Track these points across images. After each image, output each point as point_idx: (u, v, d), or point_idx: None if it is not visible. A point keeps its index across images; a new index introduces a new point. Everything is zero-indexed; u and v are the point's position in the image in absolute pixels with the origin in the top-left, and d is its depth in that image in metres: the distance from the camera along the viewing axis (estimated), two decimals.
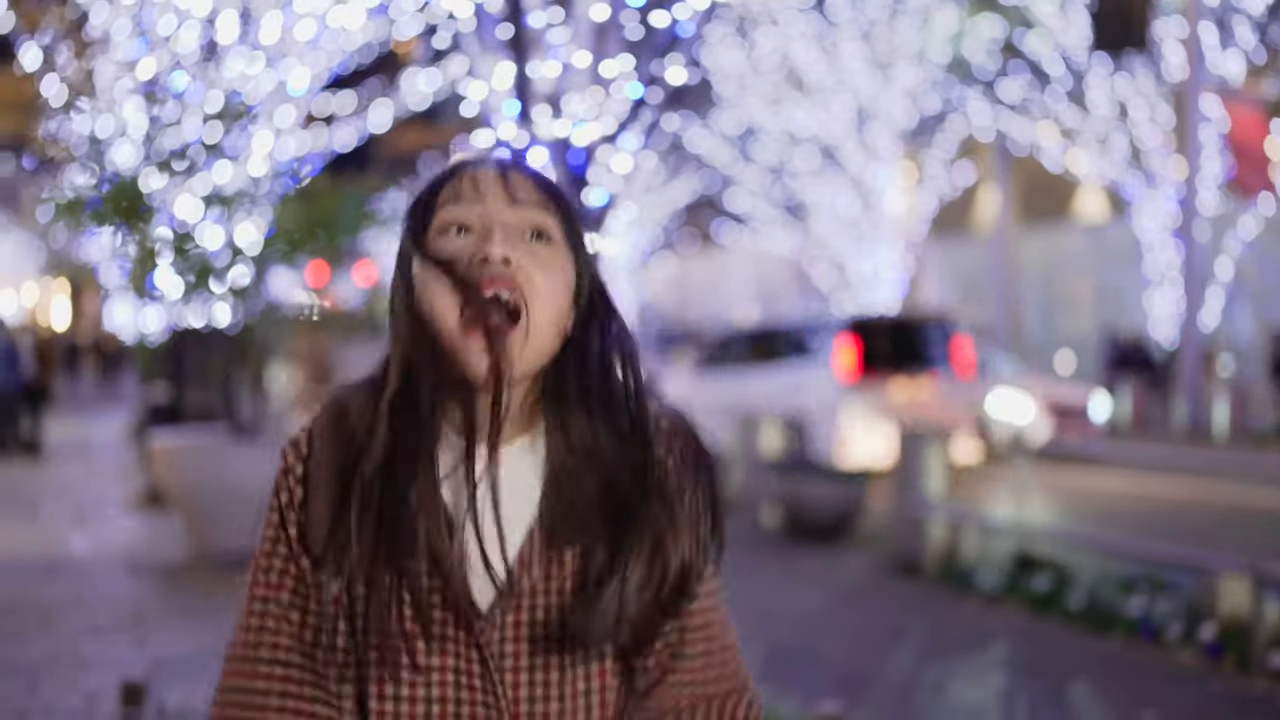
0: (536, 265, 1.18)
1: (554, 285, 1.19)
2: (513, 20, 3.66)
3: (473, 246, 1.18)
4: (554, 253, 1.21)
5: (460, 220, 1.20)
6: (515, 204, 1.20)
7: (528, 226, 1.20)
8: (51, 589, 7.22)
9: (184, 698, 4.68)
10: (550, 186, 1.24)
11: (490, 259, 1.16)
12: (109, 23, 7.79)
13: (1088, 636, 6.07)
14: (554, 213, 1.21)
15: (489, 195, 1.20)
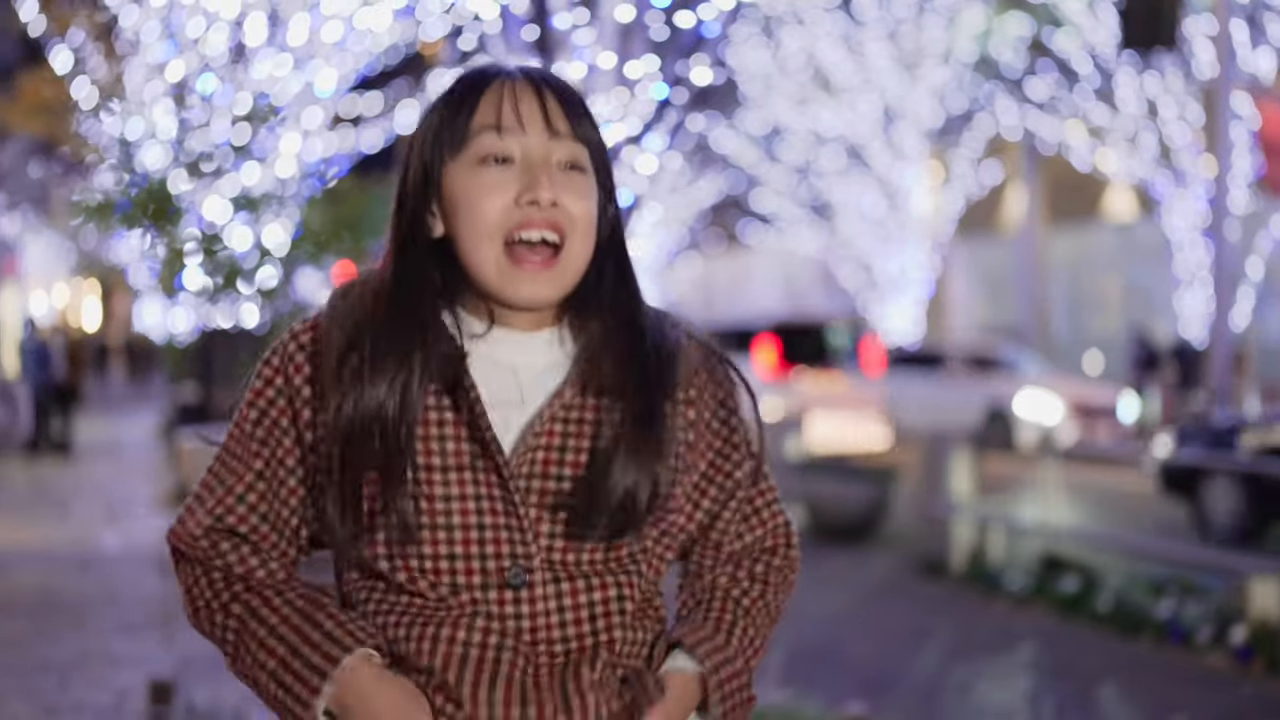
0: (574, 198, 1.23)
1: (589, 216, 1.24)
2: (538, 22, 3.68)
3: (517, 183, 1.22)
4: (586, 182, 1.25)
5: (502, 152, 1.22)
6: (555, 136, 1.23)
7: (565, 158, 1.24)
8: (82, 587, 7.29)
9: (212, 696, 4.72)
10: (581, 110, 1.27)
11: (540, 203, 1.20)
12: (138, 25, 7.85)
13: (1116, 639, 6.03)
14: (586, 141, 1.25)
15: (530, 125, 1.22)
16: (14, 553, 8.40)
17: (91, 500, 11.29)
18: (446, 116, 1.25)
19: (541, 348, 1.28)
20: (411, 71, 10.65)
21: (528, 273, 1.21)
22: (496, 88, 1.24)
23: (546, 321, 1.28)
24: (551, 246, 1.22)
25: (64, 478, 13.15)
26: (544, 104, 1.23)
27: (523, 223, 1.20)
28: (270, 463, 1.28)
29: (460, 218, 1.23)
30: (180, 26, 7.77)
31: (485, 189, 1.22)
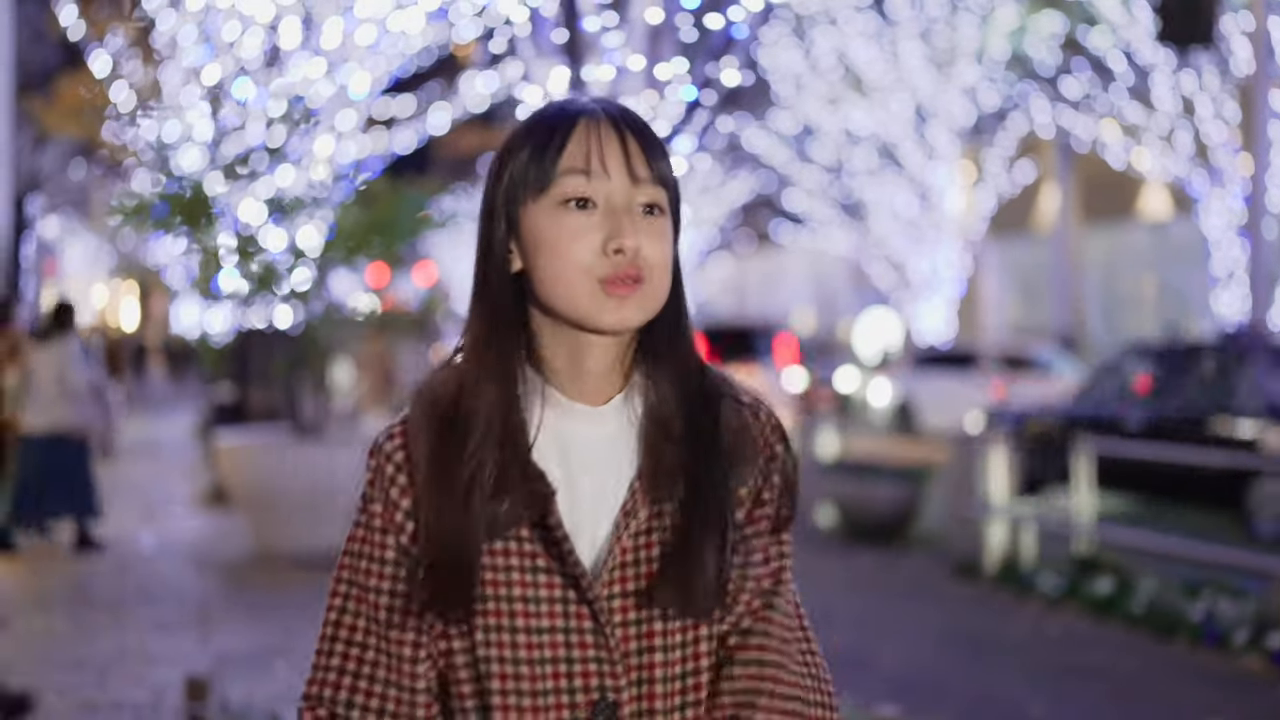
0: (654, 242, 1.25)
1: (667, 258, 1.26)
2: (568, 25, 3.69)
3: (601, 229, 1.23)
4: (665, 225, 1.27)
5: (585, 196, 1.24)
6: (637, 183, 1.24)
7: (646, 201, 1.25)
8: (120, 584, 7.38)
9: (247, 693, 4.77)
10: (660, 151, 1.29)
11: (625, 251, 1.22)
12: (175, 30, 7.93)
13: (1151, 641, 5.99)
14: (665, 184, 1.27)
15: (613, 170, 1.24)
16: (52, 550, 8.50)
17: (129, 499, 11.41)
18: (531, 155, 1.26)
19: (610, 418, 1.29)
20: (444, 74, 10.72)
21: (616, 296, 1.22)
22: (582, 129, 1.25)
23: (615, 389, 1.29)
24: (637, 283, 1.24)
25: (102, 476, 13.30)
26: (626, 148, 1.25)
27: (610, 275, 1.22)
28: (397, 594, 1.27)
29: (543, 259, 1.24)
30: (216, 31, 7.85)
31: (571, 234, 1.23)
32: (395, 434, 1.28)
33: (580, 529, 1.25)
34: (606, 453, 1.28)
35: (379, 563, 1.26)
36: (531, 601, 1.23)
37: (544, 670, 1.22)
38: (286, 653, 5.59)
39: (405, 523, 1.25)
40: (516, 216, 1.27)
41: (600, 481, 1.27)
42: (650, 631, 1.24)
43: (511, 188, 1.27)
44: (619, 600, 1.24)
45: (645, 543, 1.25)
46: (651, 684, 1.24)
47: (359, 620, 1.26)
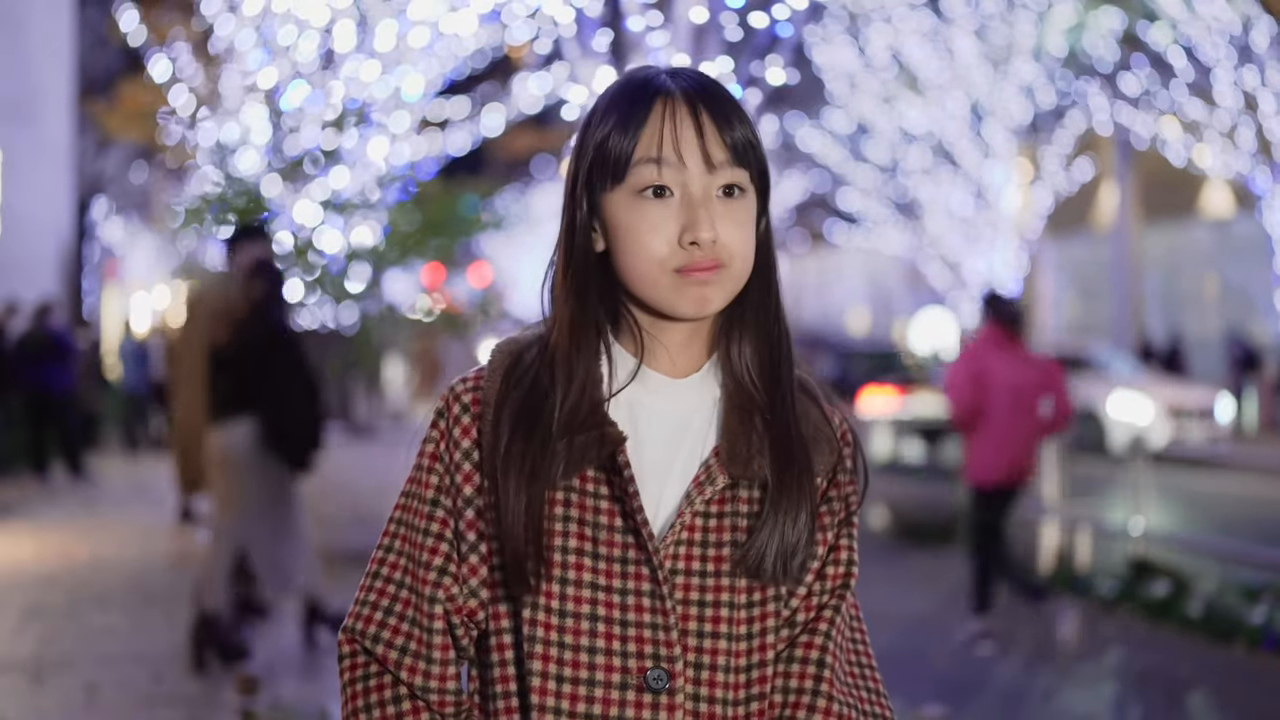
0: (733, 228, 1.23)
1: (748, 242, 1.24)
2: (612, 25, 3.70)
3: (677, 219, 1.21)
4: (745, 207, 1.25)
5: (661, 184, 1.22)
6: (714, 169, 1.22)
7: (725, 184, 1.23)
8: (178, 582, 7.49)
9: (297, 690, 4.83)
10: (737, 127, 1.25)
11: (701, 244, 1.20)
12: (233, 34, 8.05)
13: (1207, 645, 5.89)
14: (744, 162, 1.24)
15: (689, 158, 1.21)
16: (112, 549, 8.66)
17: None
18: (607, 141, 1.24)
19: (689, 393, 1.27)
20: (497, 75, 10.78)
21: (695, 283, 1.21)
22: (657, 113, 1.23)
23: (695, 364, 1.28)
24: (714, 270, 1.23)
25: (161, 475, 13.52)
26: (702, 131, 1.22)
27: (687, 265, 1.21)
28: (453, 540, 1.26)
29: (623, 246, 1.23)
30: (273, 35, 7.96)
31: (648, 225, 1.22)
32: (469, 378, 1.28)
33: (643, 498, 1.22)
34: (679, 427, 1.26)
35: (421, 500, 1.26)
36: (589, 555, 1.21)
37: (596, 627, 1.20)
38: (335, 650, 5.65)
39: (462, 462, 1.24)
40: (597, 201, 1.25)
41: (669, 455, 1.25)
42: (716, 617, 1.21)
43: (590, 171, 1.26)
44: (681, 577, 1.21)
45: (715, 525, 1.23)
46: (713, 670, 1.21)
47: (400, 558, 1.26)
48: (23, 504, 10.86)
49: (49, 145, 17.62)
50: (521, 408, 1.22)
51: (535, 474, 1.19)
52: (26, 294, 14.31)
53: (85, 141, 20.48)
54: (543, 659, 1.20)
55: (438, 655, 1.24)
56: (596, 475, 1.22)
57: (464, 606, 1.24)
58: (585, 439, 1.20)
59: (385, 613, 1.26)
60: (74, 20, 18.73)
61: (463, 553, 1.24)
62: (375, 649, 1.25)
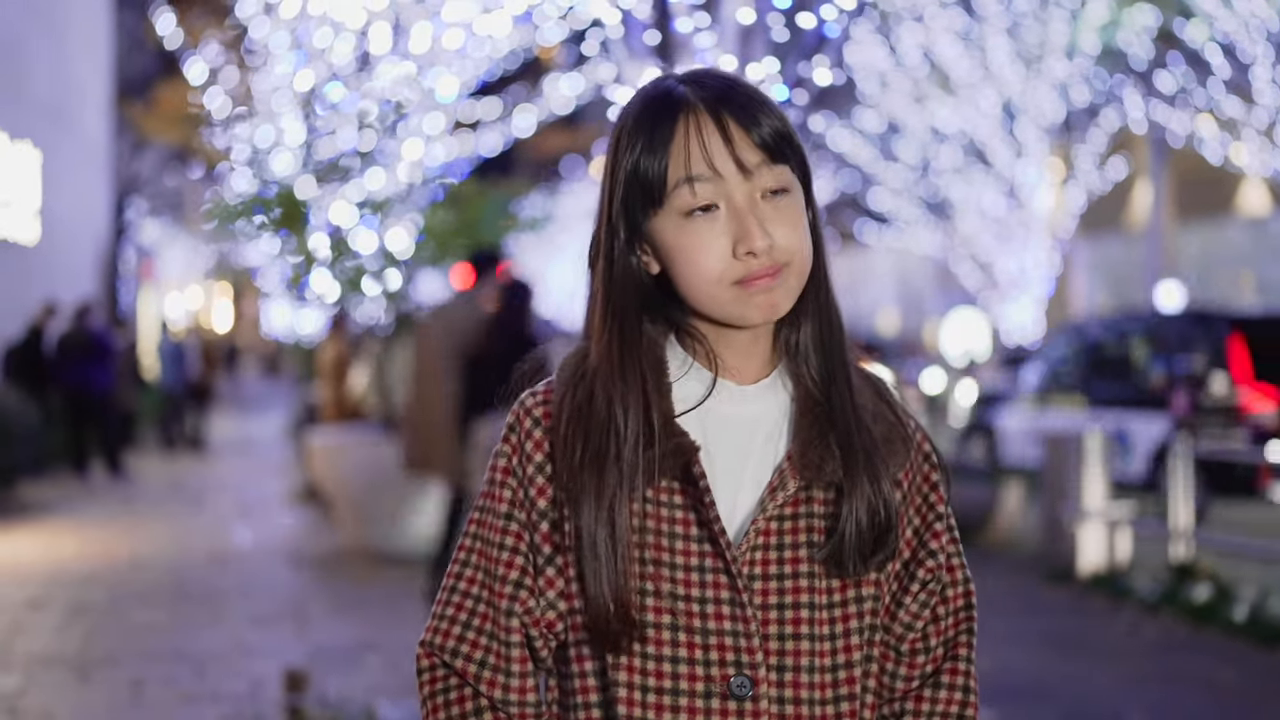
0: (785, 228, 1.21)
1: (803, 235, 1.23)
2: (660, 26, 3.70)
3: (728, 232, 1.20)
4: (794, 204, 1.23)
5: (704, 203, 1.21)
6: (750, 175, 1.21)
7: (768, 187, 1.22)
8: (217, 579, 7.56)
9: (343, 686, 4.86)
10: (767, 124, 1.22)
11: (758, 253, 1.19)
12: (268, 37, 8.10)
13: (1251, 649, 5.83)
14: (784, 160, 1.23)
15: (723, 169, 1.20)
16: (152, 547, 8.74)
17: (225, 496, 11.69)
18: (637, 166, 1.22)
19: (760, 398, 1.27)
20: (528, 77, 10.81)
21: (759, 289, 1.20)
22: (682, 129, 1.21)
23: (763, 370, 1.28)
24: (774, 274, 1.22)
25: (198, 474, 13.64)
26: (729, 138, 1.20)
27: (746, 276, 1.20)
28: (529, 555, 1.26)
29: (678, 269, 1.23)
30: (308, 37, 8.00)
31: (699, 245, 1.21)
32: (539, 391, 1.27)
33: (718, 506, 1.22)
34: (749, 433, 1.26)
35: (495, 515, 1.26)
36: (666, 566, 1.21)
37: (678, 637, 1.19)
38: (378, 647, 5.69)
39: (535, 475, 1.24)
40: (640, 225, 1.24)
41: (741, 462, 1.25)
42: (796, 619, 1.21)
43: (627, 198, 1.24)
44: (759, 582, 1.21)
45: (790, 527, 1.23)
46: (796, 671, 1.21)
47: (476, 572, 1.26)
48: (63, 502, 10.97)
49: (87, 148, 17.80)
50: (591, 422, 1.22)
51: (606, 489, 1.19)
52: (65, 294, 14.46)
53: (122, 143, 20.67)
54: (628, 670, 1.20)
55: (516, 668, 1.24)
56: (670, 485, 1.22)
57: (542, 619, 1.24)
58: (659, 450, 1.20)
59: (464, 626, 1.26)
60: (111, 24, 18.91)
61: (539, 565, 1.24)
62: (454, 663, 1.26)
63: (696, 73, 1.28)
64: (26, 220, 14.87)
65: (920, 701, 1.28)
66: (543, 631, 1.24)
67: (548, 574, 1.24)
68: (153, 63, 19.00)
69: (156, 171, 22.78)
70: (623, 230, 1.25)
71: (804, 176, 1.26)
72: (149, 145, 21.60)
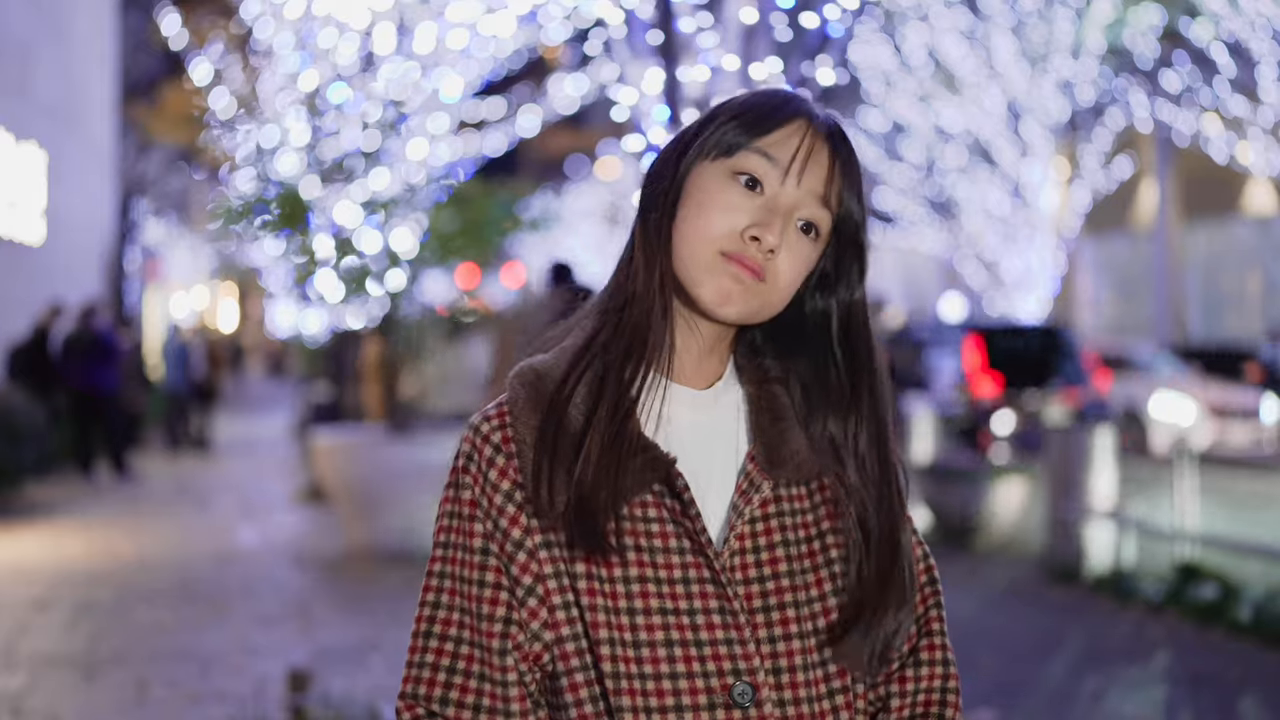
0: (793, 257, 1.22)
1: (797, 275, 1.23)
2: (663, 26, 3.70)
3: (752, 214, 1.20)
4: (812, 250, 1.24)
5: (763, 178, 1.21)
6: (821, 204, 1.22)
7: (809, 218, 1.22)
8: (222, 579, 7.57)
9: (347, 686, 4.86)
10: (856, 190, 1.25)
11: (762, 243, 1.19)
12: (273, 37, 8.11)
13: (1257, 649, 5.82)
14: (841, 215, 1.24)
15: (808, 178, 1.21)
16: (157, 547, 8.75)
17: (230, 496, 11.70)
18: (735, 122, 1.23)
19: (713, 403, 1.27)
20: (533, 76, 10.81)
21: (731, 272, 1.20)
22: (800, 127, 1.22)
23: (715, 375, 1.28)
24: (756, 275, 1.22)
25: (204, 474, 13.66)
26: (831, 169, 1.22)
27: (735, 253, 1.20)
28: (510, 589, 1.22)
29: (690, 212, 1.22)
30: (313, 37, 8.01)
31: (723, 203, 1.21)
32: (492, 415, 1.23)
33: (702, 498, 1.22)
34: (708, 438, 1.26)
35: (468, 551, 1.20)
36: (652, 582, 1.19)
37: (673, 653, 1.18)
38: (383, 647, 5.69)
39: (505, 505, 1.20)
40: (686, 170, 1.24)
41: (705, 467, 1.24)
42: (784, 619, 1.21)
43: (702, 141, 1.24)
44: (743, 587, 1.21)
45: (764, 529, 1.23)
46: (792, 671, 1.21)
47: (452, 613, 1.21)
48: (69, 502, 10.99)
49: (92, 148, 17.83)
50: (558, 445, 1.19)
51: (586, 507, 1.17)
52: (70, 294, 14.48)
53: (127, 144, 20.70)
54: (630, 694, 1.17)
55: (516, 708, 1.19)
56: (646, 500, 1.20)
57: (529, 653, 1.20)
58: (633, 464, 1.18)
59: (449, 672, 1.20)
60: (117, 25, 18.94)
61: (520, 598, 1.20)
62: (445, 711, 1.19)
63: (819, 104, 1.30)
64: (32, 220, 14.90)
65: (904, 682, 1.29)
66: (530, 666, 1.21)
67: (529, 605, 1.20)
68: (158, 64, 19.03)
69: (162, 172, 22.82)
70: (679, 172, 1.24)
71: (858, 248, 1.26)
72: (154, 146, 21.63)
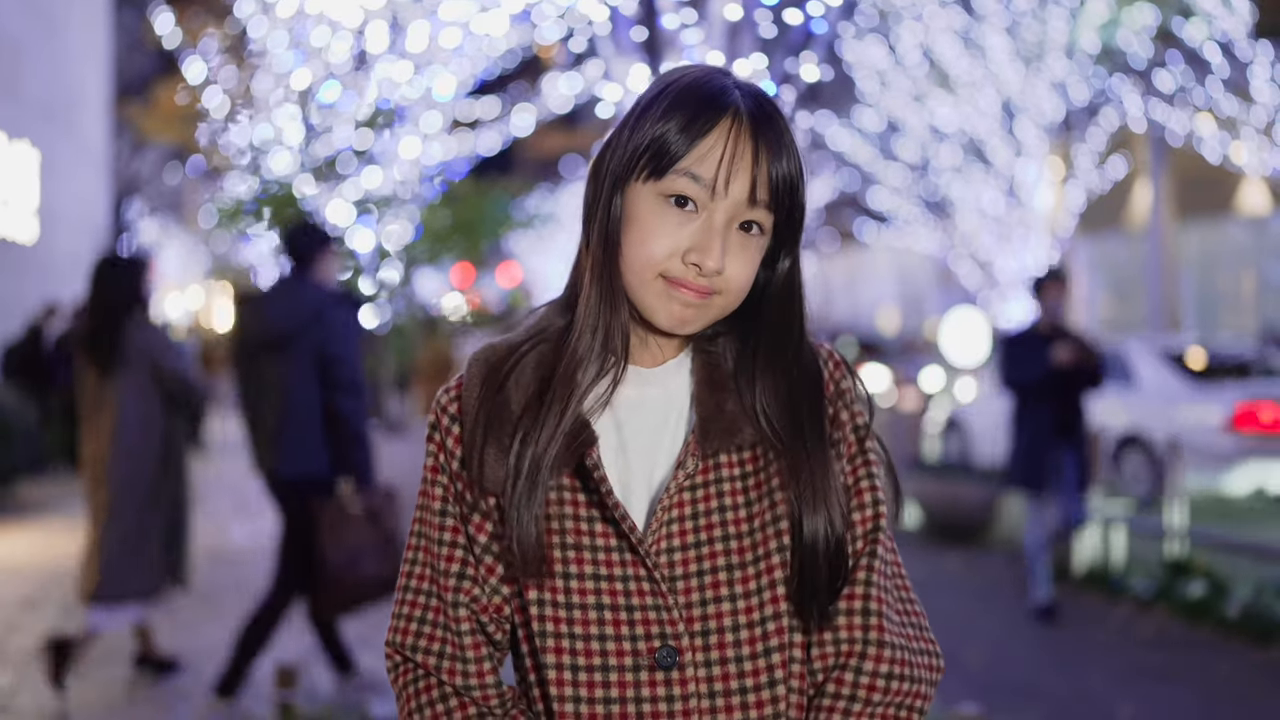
0: (740, 262, 1.23)
1: (749, 275, 1.25)
2: (647, 23, 3.71)
3: (691, 237, 1.22)
4: (759, 243, 1.25)
5: (694, 196, 1.22)
6: (753, 206, 1.22)
7: (746, 219, 1.23)
8: (214, 578, 7.56)
9: (335, 682, 4.86)
10: (786, 165, 1.24)
11: (704, 270, 1.21)
12: (267, 35, 8.10)
13: (1246, 646, 5.83)
14: (779, 207, 1.24)
15: (734, 189, 1.21)
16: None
17: (222, 495, 11.68)
18: (664, 138, 1.22)
19: (666, 378, 1.31)
20: (527, 75, 10.81)
21: (680, 297, 1.22)
22: (721, 131, 1.21)
23: (670, 355, 1.32)
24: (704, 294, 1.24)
25: (197, 473, 13.62)
26: (756, 164, 1.21)
27: (678, 279, 1.22)
28: (467, 548, 1.31)
29: (630, 238, 1.24)
30: (305, 36, 8.01)
31: (660, 228, 1.22)
32: (451, 388, 1.32)
33: (631, 488, 1.27)
34: (662, 411, 1.30)
35: (432, 512, 1.31)
36: (587, 549, 1.24)
37: (603, 615, 1.23)
38: (372, 644, 5.69)
39: (460, 470, 1.29)
40: (621, 189, 1.26)
41: (655, 439, 1.29)
42: (715, 582, 1.24)
43: (631, 157, 1.25)
44: (679, 553, 1.24)
45: (703, 495, 1.25)
46: (721, 633, 1.23)
47: (424, 569, 1.31)
48: (62, 501, 10.97)
49: (86, 147, 17.81)
50: (495, 417, 1.27)
51: (516, 479, 1.23)
52: (63, 294, 14.46)
53: (120, 143, 20.68)
54: (555, 651, 1.23)
55: (471, 654, 1.29)
56: (573, 474, 1.26)
57: (489, 604, 1.29)
58: (560, 443, 1.24)
59: (419, 622, 1.31)
60: (110, 23, 18.92)
61: (477, 555, 1.29)
62: (415, 656, 1.31)
63: (750, 85, 1.29)
64: (25, 219, 14.88)
65: (821, 632, 1.28)
66: (493, 616, 1.29)
67: (486, 561, 1.29)
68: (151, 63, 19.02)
69: (155, 171, 22.79)
70: (607, 188, 1.27)
71: (793, 225, 1.27)
72: (148, 145, 21.60)
